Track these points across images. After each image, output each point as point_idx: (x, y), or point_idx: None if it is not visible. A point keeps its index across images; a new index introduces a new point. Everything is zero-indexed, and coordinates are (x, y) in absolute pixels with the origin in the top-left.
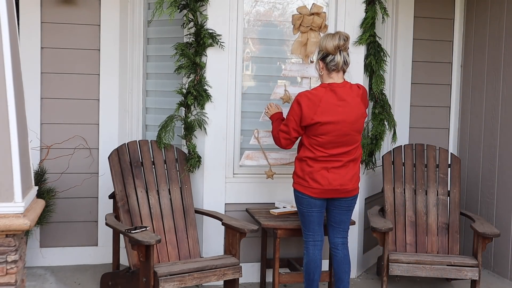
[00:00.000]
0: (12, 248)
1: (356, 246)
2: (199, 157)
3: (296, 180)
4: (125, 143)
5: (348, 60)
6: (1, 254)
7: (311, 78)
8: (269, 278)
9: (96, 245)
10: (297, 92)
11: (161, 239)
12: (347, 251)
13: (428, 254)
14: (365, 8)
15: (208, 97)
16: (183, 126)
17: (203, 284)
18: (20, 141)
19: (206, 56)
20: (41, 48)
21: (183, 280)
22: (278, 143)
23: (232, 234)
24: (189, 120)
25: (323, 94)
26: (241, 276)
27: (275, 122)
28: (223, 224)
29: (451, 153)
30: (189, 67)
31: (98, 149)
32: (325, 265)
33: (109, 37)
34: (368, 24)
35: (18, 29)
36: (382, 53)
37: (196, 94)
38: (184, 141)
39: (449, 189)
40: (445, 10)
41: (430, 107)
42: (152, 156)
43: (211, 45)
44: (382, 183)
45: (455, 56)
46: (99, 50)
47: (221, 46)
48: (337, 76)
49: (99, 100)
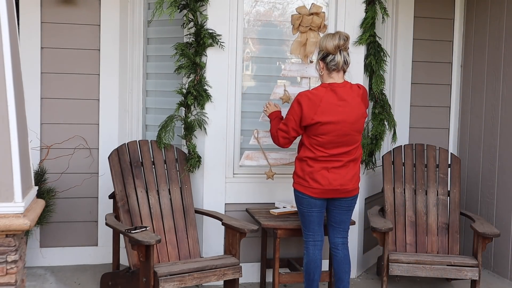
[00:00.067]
0: (12, 248)
1: (356, 246)
2: (199, 157)
3: (296, 180)
4: (125, 143)
5: (349, 60)
6: (1, 254)
7: (311, 78)
8: (269, 278)
9: (96, 245)
10: (297, 92)
11: (161, 239)
12: (347, 251)
13: (428, 254)
14: (365, 8)
15: (208, 97)
16: (183, 126)
17: (203, 284)
18: (20, 141)
19: (206, 56)
20: (41, 48)
21: (183, 280)
22: (276, 142)
23: (232, 234)
24: (189, 120)
25: (324, 94)
26: (241, 276)
27: (274, 121)
28: (223, 224)
29: (451, 153)
30: (189, 67)
31: (98, 149)
32: (325, 265)
33: (109, 37)
34: (368, 24)
35: (18, 29)
36: (382, 53)
37: (196, 94)
38: (184, 141)
39: (449, 189)
40: (445, 10)
41: (430, 107)
42: (152, 156)
43: (211, 45)
44: (382, 183)
45: (455, 56)
46: (99, 50)
47: (221, 46)
48: (338, 76)
49: (99, 100)
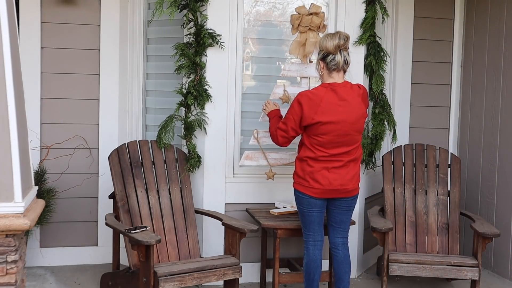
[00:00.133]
0: (12, 248)
1: (356, 246)
2: (199, 157)
3: (297, 180)
4: (125, 143)
5: (349, 60)
6: (1, 254)
7: (310, 78)
8: (269, 278)
9: (96, 245)
10: (296, 92)
11: (161, 239)
12: (347, 251)
13: (428, 254)
14: (365, 8)
15: (208, 97)
16: (183, 126)
17: (203, 284)
18: (20, 141)
19: (206, 56)
20: (41, 48)
21: (183, 280)
22: (275, 140)
23: (232, 234)
24: (189, 120)
25: (324, 94)
26: (241, 276)
27: (273, 119)
28: (223, 224)
29: (451, 153)
30: (189, 67)
31: (98, 149)
32: (325, 265)
33: (109, 37)
34: (368, 24)
35: (18, 29)
36: (382, 53)
37: (196, 94)
38: (184, 141)
39: (449, 189)
40: (445, 10)
41: (430, 107)
42: (152, 156)
43: (211, 45)
44: (382, 183)
45: (455, 56)
46: (99, 50)
47: (221, 46)
48: (338, 76)
49: (99, 100)
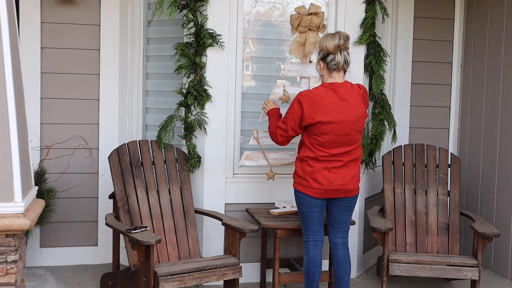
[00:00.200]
0: (12, 248)
1: (356, 246)
2: (199, 157)
3: (297, 180)
4: (125, 143)
5: (349, 60)
6: (1, 254)
7: (310, 78)
8: (269, 278)
9: (96, 245)
10: (296, 92)
11: (161, 239)
12: (348, 251)
13: (428, 254)
14: (365, 8)
15: (208, 97)
16: (183, 126)
17: (203, 284)
18: (20, 141)
19: (206, 56)
20: (41, 48)
21: (183, 280)
22: (275, 139)
23: (232, 234)
24: (189, 120)
25: (324, 94)
26: (241, 276)
27: (272, 118)
28: (223, 224)
29: (451, 153)
30: (189, 67)
31: (98, 149)
32: (325, 265)
33: (109, 37)
34: (368, 24)
35: (18, 29)
36: (382, 53)
37: (196, 94)
38: (184, 141)
39: (449, 189)
40: (445, 10)
41: (430, 107)
42: (152, 156)
43: (211, 45)
44: (382, 183)
45: (455, 56)
46: (99, 50)
47: (221, 46)
48: (338, 76)
49: (99, 100)
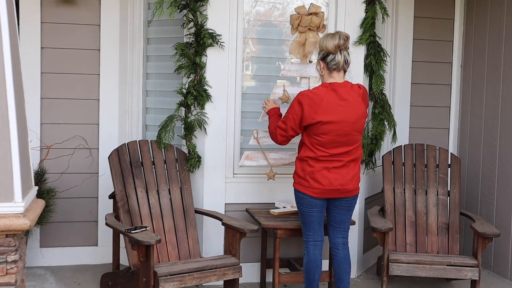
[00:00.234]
0: (12, 248)
1: (356, 246)
2: (199, 157)
3: (297, 180)
4: (125, 143)
5: (349, 59)
6: (1, 254)
7: (310, 78)
8: (269, 278)
9: (96, 245)
10: (296, 92)
11: (161, 239)
12: (348, 251)
13: (428, 254)
14: (365, 8)
15: (208, 97)
16: (183, 126)
17: (203, 284)
18: (20, 141)
19: (206, 56)
20: (41, 48)
21: (183, 280)
22: (274, 139)
23: (232, 234)
24: (189, 120)
25: (325, 94)
26: (241, 276)
27: (272, 117)
28: (223, 224)
29: (451, 153)
30: (189, 67)
31: (98, 149)
32: (325, 265)
33: (109, 37)
34: (368, 24)
35: (18, 29)
36: (382, 53)
37: (196, 94)
38: (184, 141)
39: (449, 189)
40: (445, 10)
41: (430, 107)
42: (152, 156)
43: (211, 45)
44: (382, 183)
45: (455, 56)
46: (99, 50)
47: (221, 46)
48: (338, 76)
49: (99, 100)
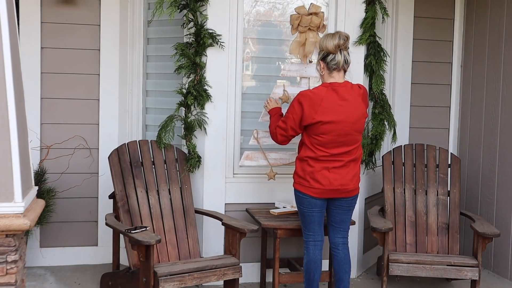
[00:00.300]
0: (12, 248)
1: (356, 246)
2: (199, 157)
3: (297, 180)
4: (125, 143)
5: (349, 59)
6: (1, 254)
7: (310, 78)
8: (269, 278)
9: (96, 245)
10: (296, 92)
11: (161, 239)
12: (348, 251)
13: (428, 254)
14: (365, 8)
15: (208, 97)
16: (183, 126)
17: (203, 284)
18: (20, 141)
19: (206, 56)
20: (41, 48)
21: (183, 280)
22: (275, 138)
23: (232, 234)
24: (189, 120)
25: (325, 94)
26: (241, 276)
27: (274, 117)
28: (223, 224)
29: (451, 153)
30: (189, 67)
31: (98, 149)
32: (325, 265)
33: (109, 37)
34: (368, 24)
35: (18, 29)
36: (382, 53)
37: (196, 94)
38: (184, 141)
39: (449, 189)
40: (445, 10)
41: (430, 107)
42: (152, 156)
43: (211, 45)
44: (382, 183)
45: (455, 56)
46: (99, 50)
47: (221, 46)
48: (338, 76)
49: (99, 100)
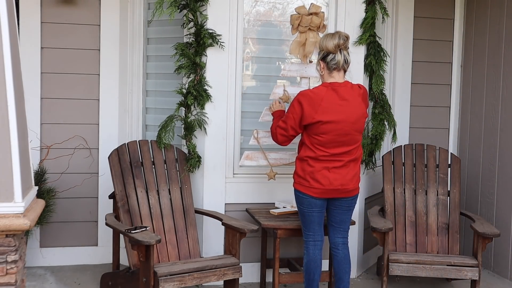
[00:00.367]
0: (12, 248)
1: (356, 246)
2: (199, 157)
3: (297, 180)
4: (125, 143)
5: (349, 59)
6: (1, 254)
7: (310, 78)
8: (269, 278)
9: (96, 245)
10: (296, 92)
11: (161, 239)
12: (348, 251)
13: (428, 254)
14: (365, 8)
15: (208, 97)
16: (183, 126)
17: (203, 284)
18: (20, 141)
19: (206, 56)
20: (41, 48)
21: (183, 280)
22: (275, 139)
23: (232, 234)
24: (189, 120)
25: (325, 93)
26: (241, 276)
27: (276, 118)
28: (223, 224)
29: (451, 153)
30: (189, 67)
31: (98, 149)
32: (325, 265)
33: (109, 37)
34: (368, 24)
35: (18, 29)
36: (382, 53)
37: (196, 94)
38: (184, 141)
39: (449, 189)
40: (445, 10)
41: (430, 107)
42: (152, 156)
43: (211, 45)
44: (382, 183)
45: (455, 56)
46: (99, 50)
47: (221, 46)
48: (338, 76)
49: (99, 100)
